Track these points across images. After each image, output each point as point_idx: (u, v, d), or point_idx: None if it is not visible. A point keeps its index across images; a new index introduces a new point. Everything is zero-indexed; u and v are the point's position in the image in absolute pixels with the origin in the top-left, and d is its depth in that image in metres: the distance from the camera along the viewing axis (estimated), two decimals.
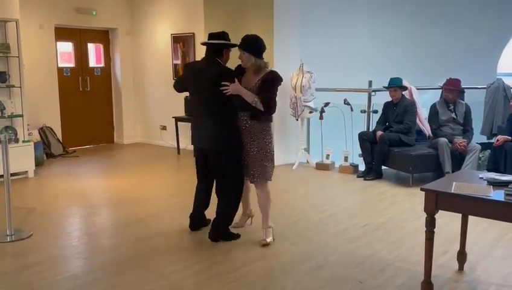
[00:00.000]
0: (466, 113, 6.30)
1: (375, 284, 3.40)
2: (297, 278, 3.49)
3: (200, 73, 4.07)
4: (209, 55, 4.10)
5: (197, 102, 4.16)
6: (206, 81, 4.01)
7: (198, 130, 4.15)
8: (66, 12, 8.53)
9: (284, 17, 7.25)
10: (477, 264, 3.71)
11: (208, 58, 4.11)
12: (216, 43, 4.07)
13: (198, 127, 4.15)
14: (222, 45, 4.08)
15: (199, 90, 4.09)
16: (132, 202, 5.53)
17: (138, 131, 9.79)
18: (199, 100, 4.13)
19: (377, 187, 6.13)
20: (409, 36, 8.54)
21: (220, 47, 4.07)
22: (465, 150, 6.02)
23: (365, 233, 4.43)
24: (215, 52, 4.07)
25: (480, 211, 2.97)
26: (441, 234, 4.15)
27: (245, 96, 3.92)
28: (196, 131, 4.19)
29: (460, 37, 8.48)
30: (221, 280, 3.47)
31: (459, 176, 3.55)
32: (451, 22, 8.56)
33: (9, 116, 6.62)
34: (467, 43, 8.47)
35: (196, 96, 4.17)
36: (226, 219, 4.22)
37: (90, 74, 9.25)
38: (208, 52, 4.11)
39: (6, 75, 6.58)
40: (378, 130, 6.51)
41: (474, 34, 8.47)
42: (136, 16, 9.42)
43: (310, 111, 7.13)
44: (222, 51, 4.09)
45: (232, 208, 4.24)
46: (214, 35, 4.13)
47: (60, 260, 3.91)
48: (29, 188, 6.31)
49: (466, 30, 8.49)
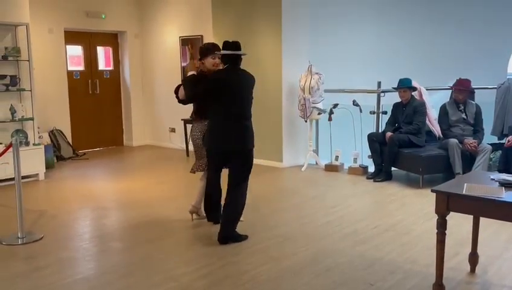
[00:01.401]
0: (476, 114, 6.25)
1: (386, 286, 3.37)
2: (307, 281, 3.48)
3: (241, 83, 4.27)
4: (235, 65, 4.24)
5: (236, 108, 4.22)
6: (248, 90, 4.29)
7: (228, 133, 4.22)
8: (76, 16, 8.60)
9: (292, 19, 7.25)
10: (489, 266, 3.67)
11: (236, 68, 4.25)
12: (239, 54, 4.24)
13: (229, 129, 4.22)
14: (240, 55, 4.29)
15: (241, 98, 4.25)
16: (142, 204, 5.55)
17: (147, 133, 9.83)
18: (239, 107, 4.24)
19: (386, 189, 6.10)
20: (418, 36, 8.48)
21: (239, 57, 4.28)
22: (476, 150, 5.97)
23: (375, 235, 4.41)
24: (238, 62, 4.26)
25: (491, 212, 2.94)
26: (452, 236, 4.12)
27: None
28: (224, 133, 4.23)
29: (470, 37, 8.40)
30: (231, 283, 3.46)
31: (470, 177, 3.52)
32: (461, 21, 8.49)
33: (20, 120, 6.68)
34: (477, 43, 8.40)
35: (235, 104, 4.23)
36: (235, 220, 4.25)
37: (100, 76, 9.31)
38: (232, 62, 4.22)
39: (16, 78, 6.64)
40: (388, 131, 6.48)
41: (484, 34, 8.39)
42: (145, 18, 9.46)
43: (319, 112, 7.11)
44: (240, 60, 4.30)
45: (242, 207, 4.32)
46: (231, 44, 4.22)
47: (71, 262, 3.93)
48: (40, 191, 6.35)
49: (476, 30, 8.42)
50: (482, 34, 8.39)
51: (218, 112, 4.22)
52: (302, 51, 7.40)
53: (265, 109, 7.23)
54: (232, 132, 4.21)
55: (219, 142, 4.24)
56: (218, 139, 4.24)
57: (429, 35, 8.50)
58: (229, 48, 4.19)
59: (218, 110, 4.21)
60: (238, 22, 7.58)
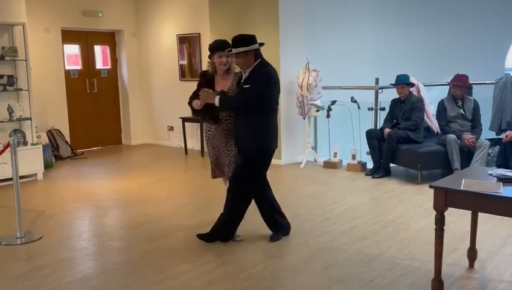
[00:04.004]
0: (474, 109, 6.26)
1: (385, 283, 3.38)
2: (306, 278, 3.49)
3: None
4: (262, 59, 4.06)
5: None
6: None
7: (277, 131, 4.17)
8: (72, 15, 8.58)
9: (289, 16, 7.24)
10: (487, 262, 3.68)
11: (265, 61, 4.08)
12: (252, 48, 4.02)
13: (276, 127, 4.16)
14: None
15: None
16: (141, 202, 5.55)
17: (145, 132, 9.83)
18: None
19: (385, 185, 6.10)
20: (415, 32, 8.48)
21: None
22: (474, 146, 5.97)
23: (374, 231, 4.42)
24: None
25: (490, 208, 2.95)
26: (450, 232, 4.14)
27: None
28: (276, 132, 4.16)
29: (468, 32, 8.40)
30: (230, 280, 3.47)
31: (468, 172, 3.53)
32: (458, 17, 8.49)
33: (17, 119, 6.67)
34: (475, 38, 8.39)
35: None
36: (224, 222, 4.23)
37: (97, 75, 9.30)
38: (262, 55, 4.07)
39: (14, 78, 6.62)
40: (386, 128, 6.48)
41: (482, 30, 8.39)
42: (142, 17, 9.44)
43: (317, 109, 7.11)
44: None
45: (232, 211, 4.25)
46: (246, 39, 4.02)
47: (70, 262, 3.93)
48: (39, 191, 6.35)
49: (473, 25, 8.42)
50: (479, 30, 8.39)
51: (270, 110, 4.04)
52: (300, 48, 7.39)
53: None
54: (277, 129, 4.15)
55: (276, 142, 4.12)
56: (276, 139, 4.13)
57: (427, 31, 8.50)
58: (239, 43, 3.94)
59: (270, 109, 4.03)
60: (235, 19, 7.57)
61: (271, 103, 4.01)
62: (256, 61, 3.97)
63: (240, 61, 3.98)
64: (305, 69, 7.03)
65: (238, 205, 4.11)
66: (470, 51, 8.43)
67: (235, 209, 4.11)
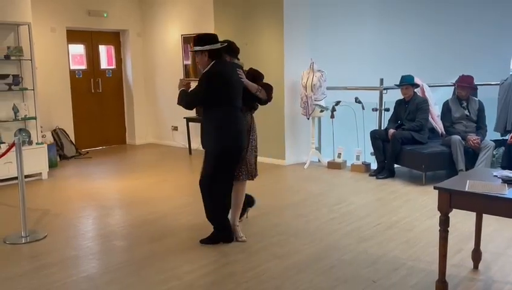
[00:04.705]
0: (479, 110, 6.24)
1: (389, 283, 3.38)
2: (310, 278, 3.49)
3: (232, 76, 4.08)
4: (220, 58, 4.07)
5: (239, 103, 4.14)
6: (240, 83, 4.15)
7: (243, 128, 4.17)
8: (78, 15, 8.60)
9: (294, 16, 7.23)
10: (492, 263, 3.67)
11: (228, 61, 4.16)
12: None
13: (243, 124, 4.17)
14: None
15: (239, 92, 4.14)
16: (145, 202, 5.56)
17: (150, 132, 9.84)
18: (239, 101, 4.14)
19: (389, 186, 6.09)
20: (420, 33, 8.47)
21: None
22: (479, 147, 5.96)
23: (378, 232, 4.41)
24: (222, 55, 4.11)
25: (494, 209, 2.94)
26: (455, 233, 4.13)
27: (251, 87, 4.18)
28: (242, 130, 4.16)
29: (473, 33, 8.39)
30: (234, 280, 3.47)
31: (472, 174, 3.52)
32: (463, 18, 8.47)
33: (22, 119, 6.69)
34: (479, 39, 8.38)
35: (238, 98, 4.14)
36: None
37: (102, 75, 9.32)
38: (223, 55, 4.10)
39: (19, 78, 6.65)
40: (390, 128, 6.47)
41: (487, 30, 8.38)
42: (147, 17, 9.46)
43: (321, 110, 7.11)
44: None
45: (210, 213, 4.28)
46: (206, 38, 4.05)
47: (75, 261, 3.94)
48: (43, 190, 6.37)
49: (478, 26, 8.40)
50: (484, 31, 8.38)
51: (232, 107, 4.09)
52: (304, 48, 7.39)
53: (268, 107, 7.17)
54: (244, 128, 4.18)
55: (240, 139, 4.13)
56: (240, 135, 4.13)
57: (431, 32, 8.49)
58: (205, 41, 3.97)
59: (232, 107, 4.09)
60: (240, 19, 7.58)
61: (215, 99, 3.98)
62: (211, 62, 4.01)
63: (198, 59, 4.08)
64: (310, 69, 7.02)
65: (212, 203, 4.13)
66: (475, 52, 8.42)
67: (212, 208, 4.14)
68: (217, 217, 4.17)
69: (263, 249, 4.05)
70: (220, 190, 4.11)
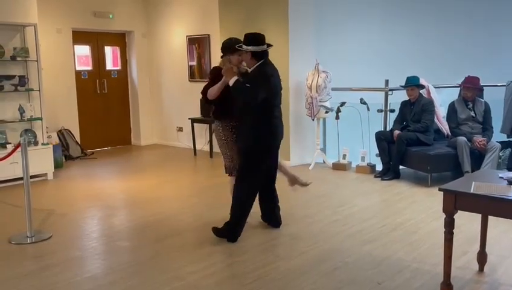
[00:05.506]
0: (485, 112, 6.21)
1: (394, 285, 3.36)
2: (314, 280, 3.48)
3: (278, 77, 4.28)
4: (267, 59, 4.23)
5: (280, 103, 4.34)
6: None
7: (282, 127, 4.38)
8: (83, 16, 8.64)
9: (299, 17, 7.23)
10: (498, 265, 3.64)
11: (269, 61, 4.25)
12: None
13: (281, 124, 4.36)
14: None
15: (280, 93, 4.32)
16: (150, 203, 5.57)
17: (155, 132, 9.87)
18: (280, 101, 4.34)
19: (394, 187, 6.07)
20: (426, 34, 8.43)
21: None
22: (485, 148, 5.92)
23: (383, 234, 4.39)
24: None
25: (500, 211, 2.91)
26: (460, 235, 4.10)
27: None
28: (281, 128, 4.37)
29: (479, 34, 8.34)
30: (238, 282, 3.47)
31: (478, 175, 3.49)
32: (469, 18, 8.43)
33: (28, 120, 6.72)
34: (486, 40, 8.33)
35: (280, 99, 4.34)
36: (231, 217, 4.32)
37: (107, 76, 9.35)
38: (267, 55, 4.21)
39: (25, 78, 6.68)
40: (396, 130, 6.44)
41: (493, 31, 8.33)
42: (152, 18, 9.49)
43: (326, 111, 7.09)
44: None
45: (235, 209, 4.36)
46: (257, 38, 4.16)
47: (79, 261, 3.95)
48: (49, 190, 6.39)
49: (484, 27, 8.36)
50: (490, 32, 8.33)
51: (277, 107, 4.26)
52: (309, 49, 7.38)
53: None
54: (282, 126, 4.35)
55: (279, 136, 4.34)
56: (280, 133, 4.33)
57: (437, 33, 8.45)
58: (254, 42, 4.09)
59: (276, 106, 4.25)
60: (245, 20, 7.57)
61: (265, 101, 4.07)
62: (258, 62, 4.10)
63: (245, 58, 4.19)
64: (315, 70, 7.01)
65: (241, 202, 4.20)
66: (481, 53, 8.37)
67: (239, 206, 4.20)
68: (239, 210, 4.20)
69: (267, 250, 4.05)
70: (254, 187, 4.26)
